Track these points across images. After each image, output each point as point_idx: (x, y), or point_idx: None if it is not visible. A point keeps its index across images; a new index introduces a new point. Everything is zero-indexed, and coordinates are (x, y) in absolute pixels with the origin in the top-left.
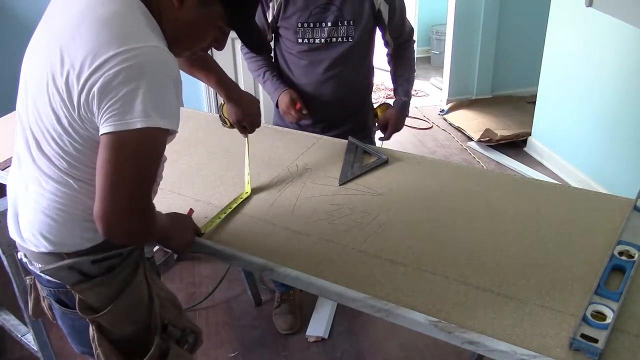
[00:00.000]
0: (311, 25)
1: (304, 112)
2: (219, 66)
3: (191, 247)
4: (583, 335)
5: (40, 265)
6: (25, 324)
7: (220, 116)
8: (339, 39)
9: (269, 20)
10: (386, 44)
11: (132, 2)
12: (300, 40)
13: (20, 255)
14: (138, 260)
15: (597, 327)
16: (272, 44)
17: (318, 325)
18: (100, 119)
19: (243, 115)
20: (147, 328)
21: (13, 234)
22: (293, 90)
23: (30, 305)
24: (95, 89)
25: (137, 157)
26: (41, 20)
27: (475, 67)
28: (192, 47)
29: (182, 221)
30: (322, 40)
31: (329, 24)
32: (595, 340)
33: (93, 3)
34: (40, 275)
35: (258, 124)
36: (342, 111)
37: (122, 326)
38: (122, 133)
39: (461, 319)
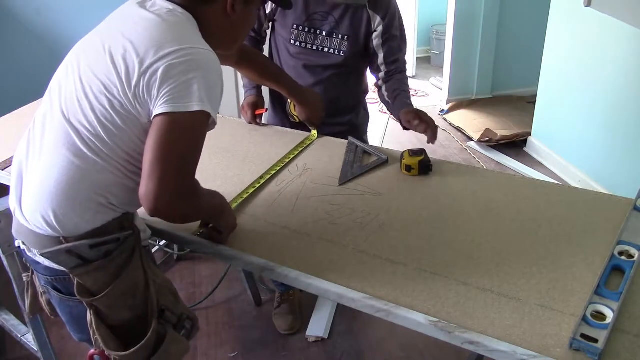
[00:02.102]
0: (306, 29)
1: (258, 120)
2: (287, 75)
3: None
4: (583, 335)
5: (38, 251)
6: (25, 324)
7: (289, 112)
8: (331, 50)
9: (267, 12)
10: (376, 71)
11: (190, 18)
12: (293, 42)
13: (18, 243)
14: (134, 245)
15: (597, 327)
16: (268, 32)
17: (318, 325)
18: (157, 101)
19: (312, 115)
20: (144, 314)
21: (14, 207)
22: (262, 97)
23: (27, 302)
24: (158, 74)
25: (189, 137)
26: (98, 27)
27: (475, 67)
28: (245, 37)
29: (229, 206)
30: (315, 48)
31: (324, 34)
32: (595, 340)
33: (157, 12)
34: (37, 263)
35: (323, 119)
36: (330, 112)
37: (120, 311)
38: (178, 114)
39: (461, 319)
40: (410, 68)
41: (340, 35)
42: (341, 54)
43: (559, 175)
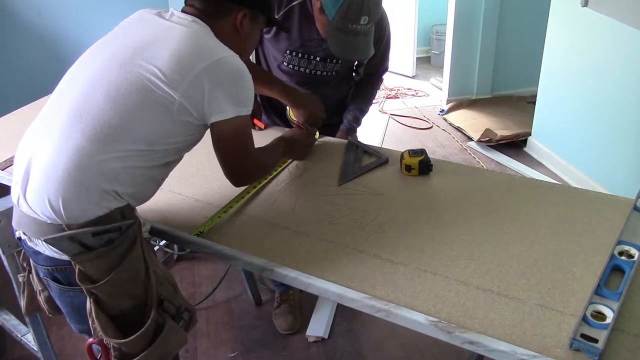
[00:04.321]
0: (299, 55)
1: (256, 129)
2: (278, 79)
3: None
4: (583, 335)
5: (40, 239)
6: (25, 324)
7: (289, 118)
8: (325, 73)
9: None
10: (356, 73)
11: (209, 29)
12: (285, 65)
13: (18, 234)
14: (136, 235)
15: (597, 327)
16: None
17: (318, 325)
18: (211, 109)
19: (309, 116)
20: (143, 303)
21: (17, 194)
22: (258, 105)
23: (23, 303)
24: (205, 85)
25: (248, 133)
26: (109, 34)
27: (475, 67)
28: (250, 53)
29: (291, 143)
30: (308, 71)
31: (318, 59)
32: (595, 340)
33: (184, 23)
34: (38, 254)
35: (323, 118)
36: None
37: (120, 299)
38: (234, 119)
39: (461, 319)
40: (410, 68)
41: (334, 60)
42: (333, 73)
43: (559, 175)
